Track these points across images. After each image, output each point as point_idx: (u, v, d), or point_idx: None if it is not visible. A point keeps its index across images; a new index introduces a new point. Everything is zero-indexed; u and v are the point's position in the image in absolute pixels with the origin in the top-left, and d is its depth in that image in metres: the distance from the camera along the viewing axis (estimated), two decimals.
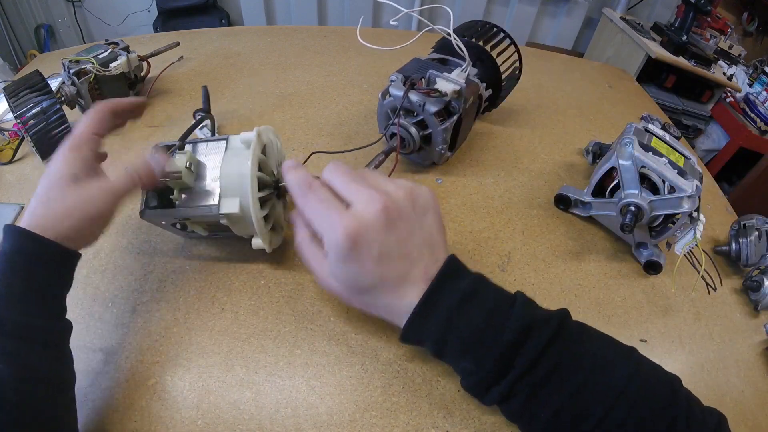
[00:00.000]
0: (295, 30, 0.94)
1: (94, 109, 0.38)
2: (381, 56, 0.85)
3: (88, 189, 0.35)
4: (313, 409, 0.37)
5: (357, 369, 0.40)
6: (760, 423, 0.42)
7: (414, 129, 0.52)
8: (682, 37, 1.68)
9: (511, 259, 0.51)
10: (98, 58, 0.59)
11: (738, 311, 0.53)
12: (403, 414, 0.37)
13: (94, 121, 0.37)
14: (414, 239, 0.33)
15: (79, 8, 2.06)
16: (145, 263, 0.45)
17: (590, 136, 0.73)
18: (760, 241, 0.55)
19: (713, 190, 0.71)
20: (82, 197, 0.34)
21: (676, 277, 0.53)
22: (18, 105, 0.51)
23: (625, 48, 1.83)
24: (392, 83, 0.52)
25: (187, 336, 0.40)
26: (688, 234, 0.49)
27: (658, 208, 0.48)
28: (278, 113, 0.67)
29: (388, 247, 0.32)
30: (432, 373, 0.40)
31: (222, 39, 0.87)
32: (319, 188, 0.35)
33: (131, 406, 0.36)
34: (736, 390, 0.45)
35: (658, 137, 0.53)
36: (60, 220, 0.33)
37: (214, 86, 0.72)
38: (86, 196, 0.34)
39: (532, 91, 0.82)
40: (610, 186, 0.52)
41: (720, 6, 2.00)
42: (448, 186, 0.59)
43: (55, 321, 0.33)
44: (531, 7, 2.12)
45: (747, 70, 1.92)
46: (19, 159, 0.56)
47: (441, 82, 0.51)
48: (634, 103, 0.90)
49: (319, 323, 0.42)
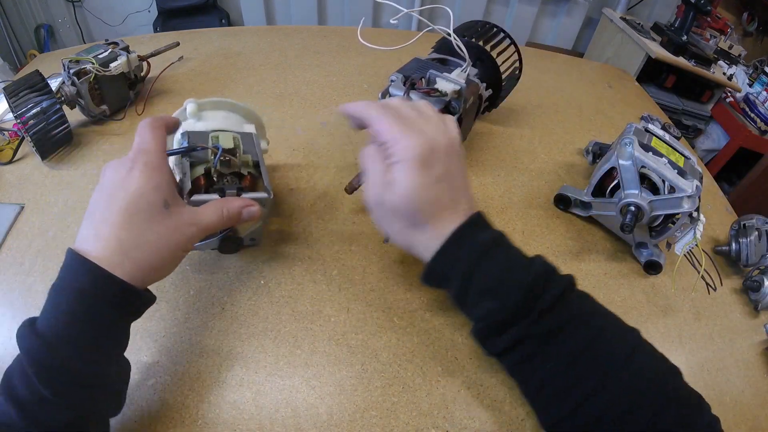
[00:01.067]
0: (295, 30, 0.94)
1: (154, 125, 0.35)
2: (381, 56, 0.85)
3: (179, 220, 0.32)
4: (313, 409, 0.37)
5: (357, 369, 0.40)
6: (760, 423, 0.42)
7: None
8: (682, 37, 1.68)
9: None
10: (98, 58, 0.59)
11: (738, 311, 0.53)
12: (403, 414, 0.37)
13: (160, 138, 0.34)
14: (461, 178, 0.36)
15: (79, 8, 2.06)
16: None
17: (590, 136, 0.73)
18: (760, 241, 0.55)
19: (713, 190, 0.71)
20: (171, 228, 0.31)
21: (676, 277, 0.53)
22: (18, 105, 0.51)
23: (625, 48, 1.83)
24: (392, 83, 0.52)
25: (187, 336, 0.40)
26: (688, 234, 0.49)
27: (658, 208, 0.48)
28: (278, 113, 0.67)
29: (448, 172, 0.34)
30: (432, 373, 0.40)
31: (222, 39, 0.87)
32: (399, 106, 0.36)
33: (131, 406, 0.36)
34: (736, 390, 0.45)
35: (658, 137, 0.53)
36: (145, 253, 0.30)
37: (214, 86, 0.72)
38: (176, 227, 0.31)
39: (532, 91, 0.82)
40: (610, 186, 0.52)
41: (720, 6, 2.00)
42: None
43: (117, 365, 0.32)
44: (531, 7, 2.12)
45: (747, 70, 1.92)
46: (19, 159, 0.56)
47: (441, 82, 0.51)
48: (634, 103, 0.90)
49: (319, 323, 0.42)
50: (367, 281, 0.46)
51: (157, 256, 0.31)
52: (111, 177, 0.32)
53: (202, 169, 0.41)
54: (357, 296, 0.45)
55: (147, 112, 0.65)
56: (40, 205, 0.50)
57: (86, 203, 0.32)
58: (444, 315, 0.44)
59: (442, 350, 0.42)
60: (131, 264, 0.30)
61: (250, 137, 0.44)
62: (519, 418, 0.38)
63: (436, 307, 0.45)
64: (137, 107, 0.65)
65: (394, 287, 0.46)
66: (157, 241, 0.31)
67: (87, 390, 0.29)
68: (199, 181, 0.40)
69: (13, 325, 0.40)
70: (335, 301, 0.44)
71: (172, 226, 0.31)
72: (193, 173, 0.40)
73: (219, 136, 0.40)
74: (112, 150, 0.58)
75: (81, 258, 0.29)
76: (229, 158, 0.40)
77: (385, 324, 0.43)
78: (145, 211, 0.30)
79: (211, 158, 0.39)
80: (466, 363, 0.41)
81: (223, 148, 0.39)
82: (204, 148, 0.39)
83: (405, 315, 0.44)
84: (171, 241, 0.31)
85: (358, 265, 0.48)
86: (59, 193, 0.52)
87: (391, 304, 0.45)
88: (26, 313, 0.41)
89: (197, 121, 0.45)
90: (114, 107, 0.63)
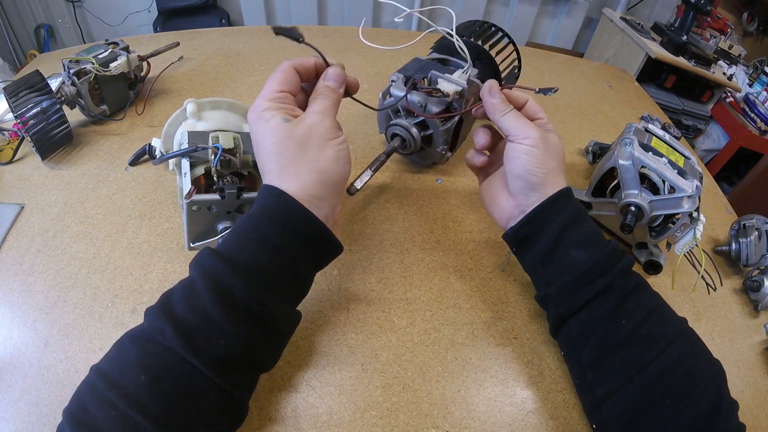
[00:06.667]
0: None
1: (277, 68, 0.37)
2: (381, 56, 0.85)
3: (303, 121, 0.34)
4: (313, 409, 0.37)
5: (357, 369, 0.40)
6: (760, 423, 0.42)
7: (415, 129, 0.52)
8: (682, 37, 1.68)
9: (511, 259, 0.51)
10: (98, 58, 0.59)
11: (738, 311, 0.53)
12: (403, 414, 0.37)
13: (277, 80, 0.36)
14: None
15: (79, 8, 2.06)
16: (145, 263, 0.45)
17: (590, 136, 0.73)
18: (760, 241, 0.55)
19: (713, 190, 0.71)
20: (303, 128, 0.34)
21: (676, 277, 0.53)
22: (18, 105, 0.51)
23: (625, 48, 1.83)
24: (393, 83, 0.52)
25: None
26: (688, 234, 0.49)
27: (658, 208, 0.48)
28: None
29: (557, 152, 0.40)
30: (432, 373, 0.40)
31: (222, 39, 0.87)
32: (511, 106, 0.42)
33: None
34: (736, 390, 0.45)
35: (658, 137, 0.53)
36: (301, 162, 0.33)
37: (214, 86, 0.72)
38: (306, 126, 0.34)
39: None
40: (610, 186, 0.52)
41: (720, 6, 2.00)
42: (448, 186, 0.59)
43: (290, 314, 0.34)
44: (531, 7, 2.12)
45: (747, 70, 1.91)
46: (19, 159, 0.56)
47: (443, 83, 0.51)
48: (634, 103, 0.90)
49: (319, 323, 0.42)
50: (367, 281, 0.46)
51: (316, 160, 0.34)
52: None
53: (202, 169, 0.41)
54: (357, 296, 0.45)
55: (147, 112, 0.65)
56: (40, 205, 0.50)
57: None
58: (444, 315, 0.44)
59: (442, 350, 0.42)
60: (297, 187, 0.33)
61: (249, 137, 0.44)
62: (519, 418, 0.38)
63: (436, 307, 0.45)
64: (137, 107, 0.65)
65: (394, 287, 0.46)
66: (299, 148, 0.34)
67: (257, 325, 0.30)
68: (199, 181, 0.40)
69: (13, 325, 0.40)
70: (335, 301, 0.44)
71: (302, 128, 0.34)
72: (193, 173, 0.40)
73: (219, 136, 0.40)
74: (112, 150, 0.58)
75: (277, 190, 0.33)
76: (229, 158, 0.40)
77: (385, 324, 0.43)
78: (273, 134, 0.34)
79: (211, 158, 0.39)
80: (466, 363, 0.41)
81: (223, 148, 0.39)
82: (204, 148, 0.39)
83: (405, 315, 0.44)
84: (312, 137, 0.34)
85: (358, 265, 0.48)
86: (59, 193, 0.52)
87: (391, 304, 0.45)
88: (26, 313, 0.41)
89: (197, 121, 0.45)
90: (114, 107, 0.63)
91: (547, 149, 0.39)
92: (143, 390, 0.27)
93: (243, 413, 0.32)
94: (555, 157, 0.40)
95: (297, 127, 0.34)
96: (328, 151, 0.34)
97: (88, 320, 0.41)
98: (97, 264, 0.45)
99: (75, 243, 0.47)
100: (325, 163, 0.34)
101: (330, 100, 0.37)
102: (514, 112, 0.41)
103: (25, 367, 0.37)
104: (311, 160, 0.34)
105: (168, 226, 0.49)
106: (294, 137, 0.33)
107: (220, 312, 0.29)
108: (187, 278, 0.31)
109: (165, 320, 0.28)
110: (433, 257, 0.50)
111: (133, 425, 0.26)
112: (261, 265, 0.31)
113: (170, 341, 0.28)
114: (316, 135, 0.34)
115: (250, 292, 0.30)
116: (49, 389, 0.36)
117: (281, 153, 0.34)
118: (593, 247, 0.38)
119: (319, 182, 0.34)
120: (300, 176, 0.34)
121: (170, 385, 0.27)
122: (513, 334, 0.44)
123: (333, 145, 0.35)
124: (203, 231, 0.42)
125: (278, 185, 0.33)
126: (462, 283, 0.48)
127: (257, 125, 0.34)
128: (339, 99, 0.38)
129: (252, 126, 0.35)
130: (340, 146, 0.35)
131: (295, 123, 0.34)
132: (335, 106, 0.37)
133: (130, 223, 0.49)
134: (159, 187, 0.53)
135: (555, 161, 0.40)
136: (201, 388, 0.28)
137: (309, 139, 0.34)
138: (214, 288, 0.29)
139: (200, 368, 0.28)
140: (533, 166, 0.39)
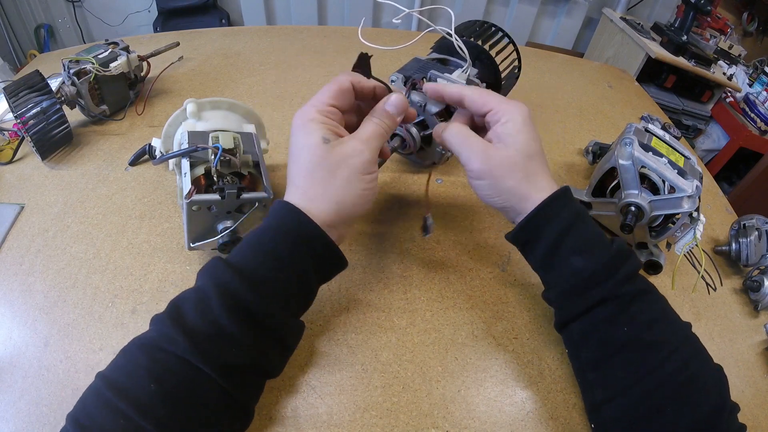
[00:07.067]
0: (295, 30, 0.94)
1: (333, 80, 0.37)
2: (380, 56, 0.85)
3: (342, 146, 0.34)
4: (313, 409, 0.37)
5: (357, 369, 0.40)
6: (760, 423, 0.42)
7: (415, 129, 0.52)
8: (682, 37, 1.68)
9: (511, 259, 0.51)
10: (98, 58, 0.59)
11: (738, 311, 0.53)
12: (403, 414, 0.37)
13: (330, 92, 0.36)
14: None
15: (79, 8, 2.06)
16: (145, 263, 0.45)
17: (590, 136, 0.73)
18: (760, 241, 0.55)
19: (713, 190, 0.71)
20: (339, 155, 0.34)
21: (676, 277, 0.53)
22: (18, 105, 0.51)
23: (625, 48, 1.83)
24: (392, 83, 0.52)
25: None
26: (688, 234, 0.49)
27: (658, 208, 0.48)
28: (278, 113, 0.67)
29: (511, 167, 0.37)
30: (432, 373, 0.40)
31: (222, 39, 0.87)
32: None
33: None
34: (736, 390, 0.45)
35: (658, 137, 0.53)
36: (327, 189, 0.34)
37: (214, 86, 0.72)
38: (343, 153, 0.34)
39: (532, 91, 0.82)
40: (610, 186, 0.52)
41: (720, 6, 2.00)
42: (448, 186, 0.59)
43: (295, 324, 0.35)
44: (531, 7, 2.12)
45: (747, 70, 1.91)
46: (19, 159, 0.56)
47: (442, 82, 0.51)
48: (634, 103, 0.90)
49: (319, 323, 0.42)
50: (367, 281, 0.46)
51: (341, 192, 0.34)
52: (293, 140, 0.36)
53: (202, 169, 0.41)
54: (357, 296, 0.45)
55: (147, 112, 0.65)
56: (40, 205, 0.50)
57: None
58: (444, 315, 0.44)
59: (442, 350, 0.42)
60: (324, 212, 0.34)
61: (250, 137, 0.44)
62: (519, 418, 0.38)
63: (436, 307, 0.45)
64: (137, 107, 0.65)
65: (394, 287, 0.46)
66: (329, 172, 0.34)
67: (267, 337, 0.31)
68: (199, 181, 0.40)
69: (13, 325, 0.40)
70: (335, 301, 0.44)
71: (340, 154, 0.34)
72: (193, 173, 0.40)
73: (219, 136, 0.40)
74: (112, 150, 0.58)
75: (294, 207, 0.33)
76: (229, 158, 0.40)
77: (385, 324, 0.43)
78: (308, 152, 0.34)
79: (211, 158, 0.39)
80: (466, 363, 0.41)
81: (223, 148, 0.39)
82: (204, 148, 0.39)
83: (405, 315, 0.44)
84: (345, 167, 0.34)
85: (358, 266, 0.48)
86: (59, 193, 0.52)
87: (391, 304, 0.45)
88: (26, 313, 0.41)
89: (197, 121, 0.45)
90: (114, 107, 0.63)
91: (497, 175, 0.36)
92: (153, 398, 0.27)
93: (250, 418, 0.33)
94: (513, 172, 0.36)
95: (332, 153, 0.34)
96: (355, 186, 0.34)
97: (88, 320, 0.41)
98: (97, 264, 0.45)
99: (75, 243, 0.47)
100: (349, 198, 0.34)
101: (382, 127, 0.37)
102: (448, 135, 0.39)
103: (25, 367, 0.37)
104: (336, 190, 0.34)
105: (168, 226, 0.49)
106: (327, 162, 0.34)
107: (233, 323, 0.29)
108: (197, 287, 0.32)
109: (176, 329, 0.29)
110: (433, 257, 0.50)
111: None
112: (272, 279, 0.32)
113: (183, 350, 0.28)
114: (350, 165, 0.34)
115: (263, 304, 0.31)
116: (49, 389, 0.36)
117: (312, 173, 0.34)
118: (593, 253, 0.36)
119: (336, 212, 0.34)
120: (322, 202, 0.34)
121: (181, 393, 0.28)
122: (513, 334, 0.44)
123: (363, 181, 0.35)
124: (203, 231, 0.41)
125: (297, 203, 0.34)
126: (462, 283, 0.48)
127: (300, 134, 0.35)
128: (392, 128, 0.38)
129: (294, 130, 0.35)
130: (369, 184, 0.35)
131: (332, 146, 0.34)
132: (384, 136, 0.37)
133: (130, 223, 0.49)
134: (159, 187, 0.53)
135: (518, 175, 0.36)
136: (211, 395, 0.29)
137: (340, 167, 0.34)
138: (227, 300, 0.30)
139: (213, 377, 0.28)
140: (489, 198, 0.38)
